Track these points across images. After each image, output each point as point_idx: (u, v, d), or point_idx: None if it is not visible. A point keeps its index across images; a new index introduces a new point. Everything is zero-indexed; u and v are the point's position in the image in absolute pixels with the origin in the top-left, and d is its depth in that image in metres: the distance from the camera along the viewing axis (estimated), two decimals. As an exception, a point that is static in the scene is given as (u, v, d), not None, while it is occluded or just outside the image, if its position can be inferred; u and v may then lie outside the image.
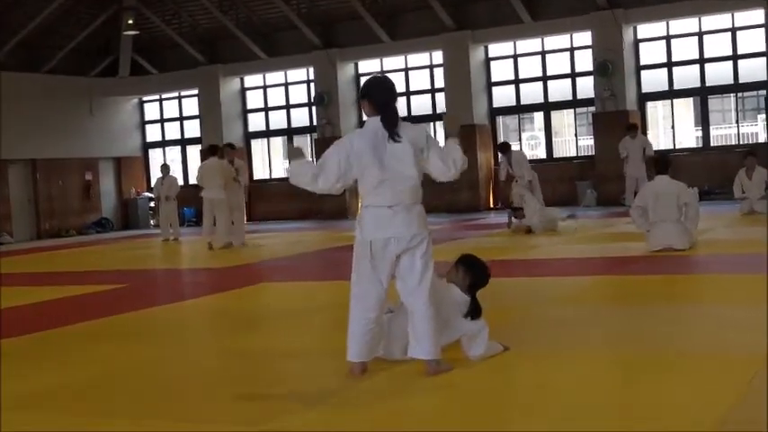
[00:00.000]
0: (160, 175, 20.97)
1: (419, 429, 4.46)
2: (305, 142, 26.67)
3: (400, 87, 24.52)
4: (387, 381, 5.30)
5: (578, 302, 7.94)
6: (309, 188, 5.55)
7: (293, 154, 5.66)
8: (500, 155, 17.66)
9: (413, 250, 5.35)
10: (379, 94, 5.55)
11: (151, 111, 28.73)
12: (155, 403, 5.24)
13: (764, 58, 20.33)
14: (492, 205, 23.19)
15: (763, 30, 20.46)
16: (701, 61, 21.45)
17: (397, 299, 5.55)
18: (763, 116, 21.54)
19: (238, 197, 16.60)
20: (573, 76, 22.83)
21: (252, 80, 26.82)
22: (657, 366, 5.26)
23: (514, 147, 19.08)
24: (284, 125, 26.50)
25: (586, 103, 22.65)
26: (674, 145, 22.20)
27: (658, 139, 22.59)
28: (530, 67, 23.32)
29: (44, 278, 13.25)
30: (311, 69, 25.20)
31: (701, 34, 21.41)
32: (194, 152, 27.37)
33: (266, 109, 26.72)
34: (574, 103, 23.07)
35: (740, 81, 21.20)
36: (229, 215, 16.09)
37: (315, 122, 25.29)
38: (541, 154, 23.62)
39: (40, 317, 9.25)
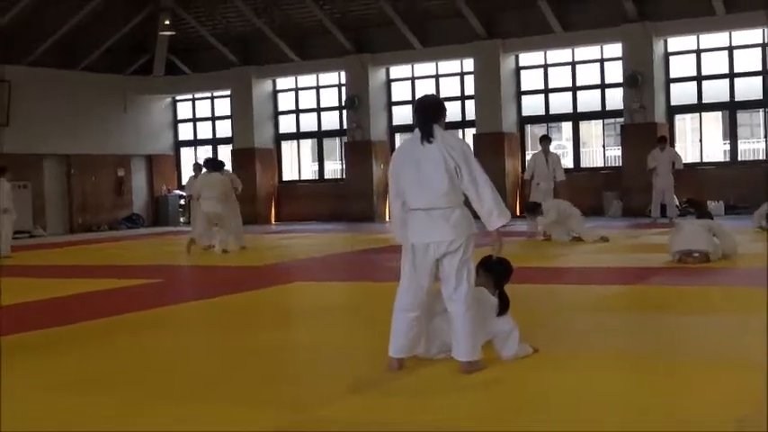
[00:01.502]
0: (192, 173, 21.29)
1: (453, 422, 4.71)
2: (334, 145, 27.00)
3: (430, 93, 24.69)
4: (424, 377, 5.55)
5: (604, 310, 8.18)
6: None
7: None
8: (541, 147, 17.55)
9: (452, 255, 5.59)
10: (415, 105, 5.90)
11: (184, 110, 29.14)
12: (201, 388, 5.53)
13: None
14: (518, 213, 23.36)
15: (793, 46, 20.56)
16: (731, 75, 21.58)
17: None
18: (792, 131, 21.63)
19: (235, 205, 16.64)
20: (602, 87, 23.00)
21: (284, 82, 27.15)
22: (681, 372, 5.50)
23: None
24: (315, 128, 26.81)
25: (615, 114, 22.81)
26: (702, 158, 22.32)
27: (686, 152, 22.69)
28: (560, 77, 23.52)
29: (82, 271, 13.59)
30: (343, 73, 25.50)
31: (731, 49, 21.54)
32: (226, 151, 27.71)
33: (297, 111, 27.04)
34: (603, 113, 23.24)
35: (770, 96, 21.32)
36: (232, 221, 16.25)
37: (345, 126, 25.58)
38: (569, 163, 23.77)
39: (80, 308, 9.57)
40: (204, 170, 16.87)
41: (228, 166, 27.20)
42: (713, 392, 5.03)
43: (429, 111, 5.79)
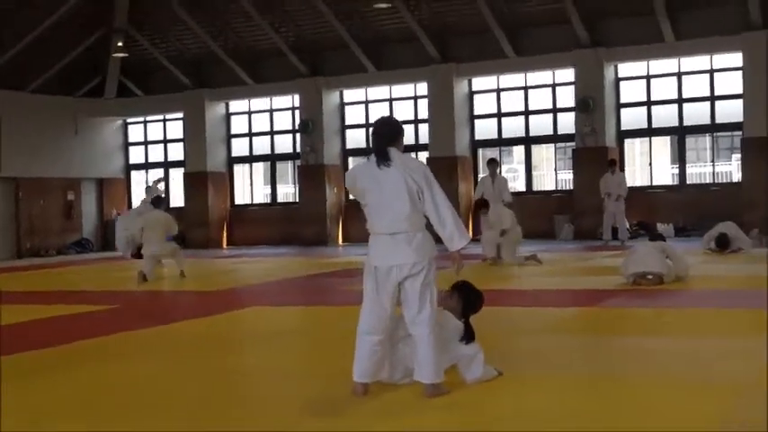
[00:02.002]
0: (144, 196, 21.13)
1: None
2: (287, 169, 26.95)
3: (387, 116, 24.77)
4: (388, 401, 5.55)
5: (561, 332, 8.25)
6: None
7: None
8: (488, 170, 17.76)
9: (414, 278, 5.60)
10: (372, 127, 5.93)
11: (135, 133, 28.89)
12: (161, 415, 5.46)
13: (741, 100, 20.84)
14: (473, 236, 23.47)
15: (740, 72, 20.98)
16: (680, 101, 21.96)
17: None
18: (738, 156, 22.03)
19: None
20: (554, 111, 23.28)
21: (237, 105, 27.09)
22: (641, 394, 5.55)
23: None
24: (268, 151, 26.75)
25: (567, 138, 23.09)
26: (651, 182, 22.65)
27: (635, 175, 23.05)
28: (512, 102, 23.76)
29: (34, 297, 13.38)
30: (296, 96, 25.51)
31: (680, 75, 21.94)
32: (177, 175, 27.55)
33: (250, 134, 26.97)
34: (554, 137, 23.50)
35: (717, 121, 21.73)
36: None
37: (298, 149, 25.56)
38: (521, 187, 24.00)
39: (35, 335, 9.42)
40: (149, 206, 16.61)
41: (180, 190, 27.18)
42: (674, 413, 5.08)
43: (385, 133, 5.81)
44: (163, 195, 16.98)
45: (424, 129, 24.12)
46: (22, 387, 6.51)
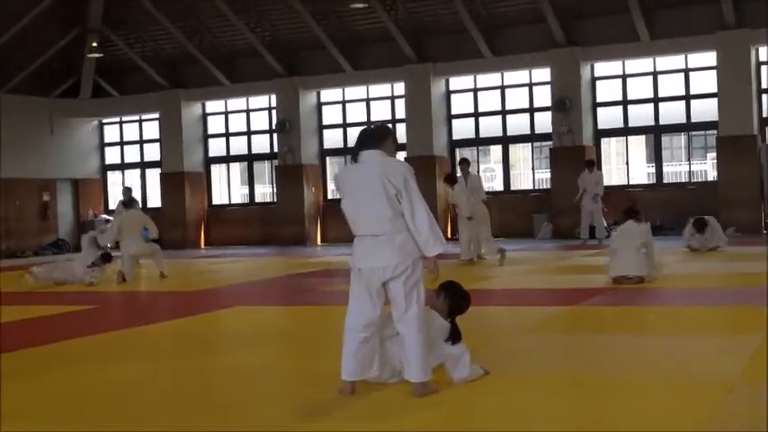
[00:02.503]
0: (121, 197, 21.01)
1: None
2: (264, 169, 26.91)
3: (361, 117, 24.90)
4: (376, 401, 5.56)
5: (545, 331, 8.29)
6: None
7: None
8: (460, 169, 17.73)
9: (397, 279, 5.61)
10: (361, 135, 5.97)
11: (111, 133, 28.74)
12: (146, 416, 5.44)
13: (716, 99, 21.02)
14: (450, 236, 23.52)
15: (714, 72, 21.16)
16: (656, 100, 22.12)
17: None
18: (713, 155, 22.22)
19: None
20: (531, 110, 23.38)
21: (214, 106, 27.01)
22: (627, 392, 5.60)
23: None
24: (245, 151, 26.69)
25: (544, 137, 23.19)
26: (628, 181, 22.79)
27: (612, 174, 23.18)
28: (489, 101, 23.84)
29: (12, 298, 13.27)
30: (273, 96, 25.46)
31: (655, 74, 22.10)
32: (154, 175, 27.45)
33: (227, 134, 26.91)
34: (532, 137, 23.61)
35: (692, 120, 21.90)
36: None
37: (276, 149, 25.51)
38: (498, 186, 24.08)
39: (14, 336, 9.35)
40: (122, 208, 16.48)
41: (157, 190, 27.05)
42: (660, 411, 5.12)
43: (363, 137, 5.87)
44: (131, 199, 16.76)
45: (401, 129, 24.10)
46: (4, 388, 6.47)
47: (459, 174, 16.85)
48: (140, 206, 19.37)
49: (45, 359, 7.77)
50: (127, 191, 20.92)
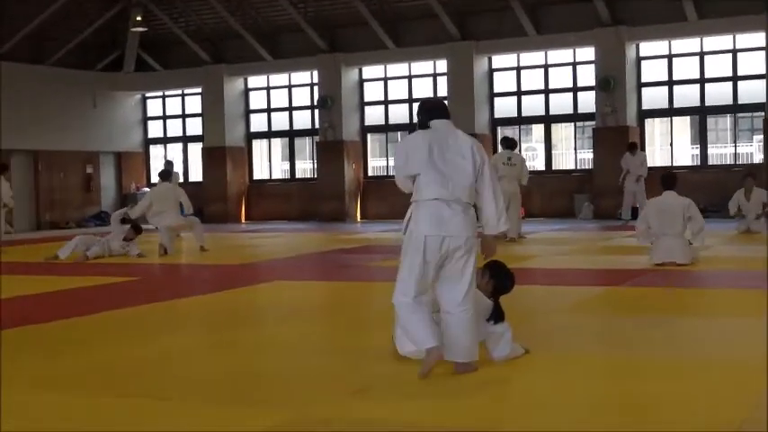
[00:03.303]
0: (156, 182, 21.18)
1: (457, 423, 4.71)
2: (305, 145, 26.95)
3: (403, 94, 24.83)
4: (418, 381, 5.43)
5: (584, 311, 8.23)
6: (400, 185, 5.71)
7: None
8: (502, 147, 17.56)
9: (462, 251, 5.47)
10: (433, 103, 5.91)
11: (154, 107, 28.92)
12: (193, 387, 5.47)
13: (764, 81, 20.68)
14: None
15: (763, 53, 20.81)
16: (702, 81, 21.81)
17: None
18: (760, 137, 21.88)
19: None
20: (575, 90, 23.16)
21: (256, 81, 27.04)
22: (670, 373, 5.54)
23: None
24: (286, 127, 26.74)
25: (587, 117, 22.98)
26: (672, 162, 22.52)
27: (655, 156, 22.92)
28: (532, 80, 23.64)
29: (56, 268, 13.44)
30: (315, 73, 25.44)
31: (702, 54, 21.77)
32: (196, 149, 27.61)
33: (269, 110, 26.94)
34: (575, 116, 23.40)
35: (739, 102, 21.58)
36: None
37: (317, 125, 25.52)
38: (540, 166, 23.92)
39: (57, 306, 9.47)
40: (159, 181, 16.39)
41: (199, 164, 27.22)
42: (706, 394, 5.07)
43: (439, 105, 5.81)
44: (167, 171, 16.85)
45: (443, 106, 23.95)
46: (47, 357, 6.54)
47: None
48: (180, 179, 19.54)
49: (85, 330, 7.86)
50: (168, 164, 21.16)
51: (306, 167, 27.11)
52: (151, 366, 6.19)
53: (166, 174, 16.64)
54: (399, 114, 24.91)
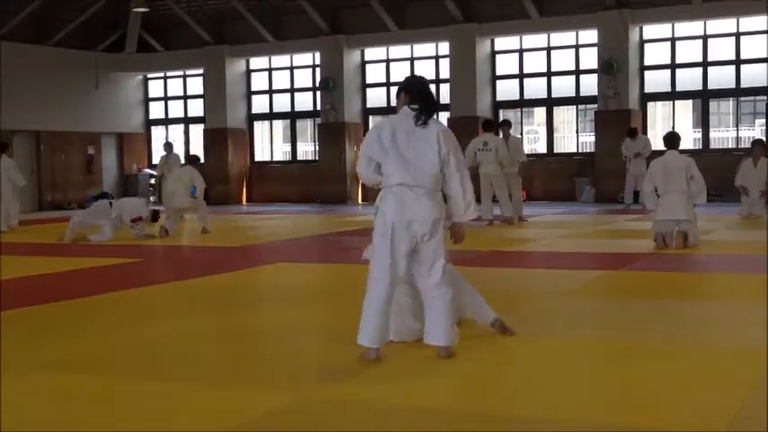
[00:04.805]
0: (163, 152, 21.22)
1: (448, 403, 4.74)
2: (307, 127, 26.92)
3: (405, 76, 24.71)
4: (400, 364, 5.48)
5: (586, 294, 8.24)
6: (363, 180, 5.74)
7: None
8: (501, 130, 17.53)
9: (430, 234, 5.49)
10: (415, 86, 5.79)
11: (155, 88, 28.89)
12: (195, 369, 5.50)
13: (766, 65, 20.63)
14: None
15: (765, 36, 20.75)
16: (704, 64, 21.77)
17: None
18: (762, 121, 21.85)
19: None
20: (577, 72, 23.12)
21: (257, 62, 26.99)
22: (668, 357, 5.56)
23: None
24: (288, 108, 26.71)
25: (589, 100, 22.95)
26: (674, 145, 22.45)
27: (657, 138, 22.84)
28: (535, 63, 23.59)
29: (59, 249, 13.46)
30: (317, 54, 25.39)
31: (705, 38, 21.72)
32: (197, 130, 27.60)
33: (270, 92, 26.91)
34: (577, 99, 23.37)
35: (741, 86, 21.53)
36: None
37: (319, 107, 25.49)
38: (541, 149, 23.91)
39: (60, 286, 9.49)
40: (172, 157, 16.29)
41: (200, 145, 27.22)
42: (705, 378, 5.08)
43: (431, 95, 5.75)
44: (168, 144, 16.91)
45: (445, 89, 23.96)
46: (45, 339, 6.57)
47: (500, 135, 16.73)
48: (180, 161, 19.48)
49: (87, 310, 7.88)
50: (168, 146, 21.20)
51: (307, 149, 27.10)
52: (153, 348, 6.21)
53: (169, 145, 16.35)
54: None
